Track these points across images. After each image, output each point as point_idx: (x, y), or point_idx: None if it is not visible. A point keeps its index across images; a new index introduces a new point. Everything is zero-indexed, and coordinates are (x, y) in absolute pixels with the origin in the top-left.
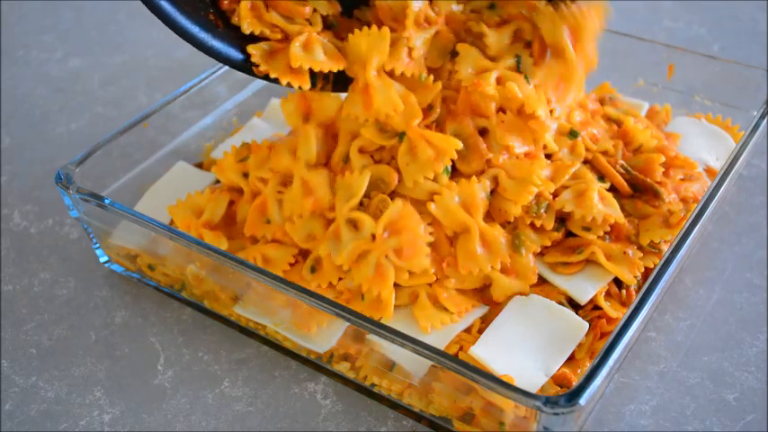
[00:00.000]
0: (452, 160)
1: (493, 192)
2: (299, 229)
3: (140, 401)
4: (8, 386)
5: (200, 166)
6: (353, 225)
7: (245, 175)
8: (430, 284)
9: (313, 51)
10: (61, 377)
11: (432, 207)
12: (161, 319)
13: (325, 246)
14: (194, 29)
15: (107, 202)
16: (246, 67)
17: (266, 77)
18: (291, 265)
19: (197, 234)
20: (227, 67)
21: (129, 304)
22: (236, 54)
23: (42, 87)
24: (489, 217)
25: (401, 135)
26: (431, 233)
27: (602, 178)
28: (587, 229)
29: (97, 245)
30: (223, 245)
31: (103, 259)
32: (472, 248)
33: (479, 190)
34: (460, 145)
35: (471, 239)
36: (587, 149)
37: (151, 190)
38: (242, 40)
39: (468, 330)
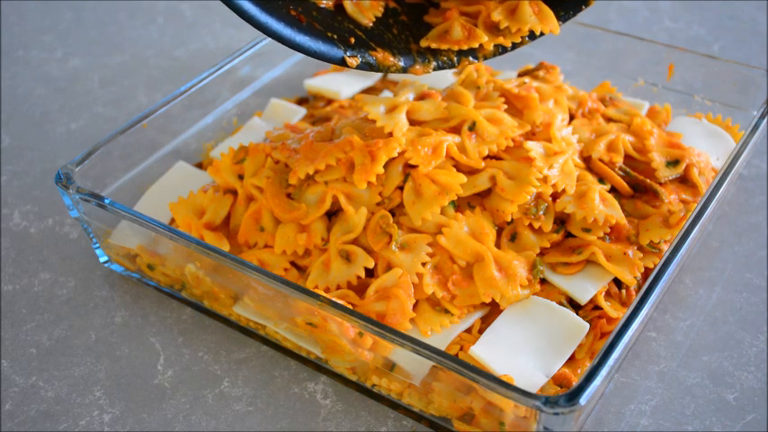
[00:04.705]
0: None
1: (490, 191)
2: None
3: (140, 401)
4: (8, 386)
5: (200, 166)
6: (346, 257)
7: (241, 177)
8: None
9: None
10: (61, 377)
11: (442, 240)
12: (161, 319)
13: (313, 274)
14: (278, 26)
15: (107, 202)
16: (340, 60)
17: (360, 67)
18: (286, 270)
19: (198, 235)
20: (227, 68)
21: (129, 304)
22: (328, 49)
23: (42, 87)
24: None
25: (406, 176)
26: (431, 254)
27: (602, 180)
28: (587, 230)
29: (97, 245)
30: (225, 246)
31: (103, 259)
32: (489, 274)
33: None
34: (465, 179)
35: (487, 266)
36: (588, 157)
37: (151, 190)
38: (324, 33)
39: (468, 330)
